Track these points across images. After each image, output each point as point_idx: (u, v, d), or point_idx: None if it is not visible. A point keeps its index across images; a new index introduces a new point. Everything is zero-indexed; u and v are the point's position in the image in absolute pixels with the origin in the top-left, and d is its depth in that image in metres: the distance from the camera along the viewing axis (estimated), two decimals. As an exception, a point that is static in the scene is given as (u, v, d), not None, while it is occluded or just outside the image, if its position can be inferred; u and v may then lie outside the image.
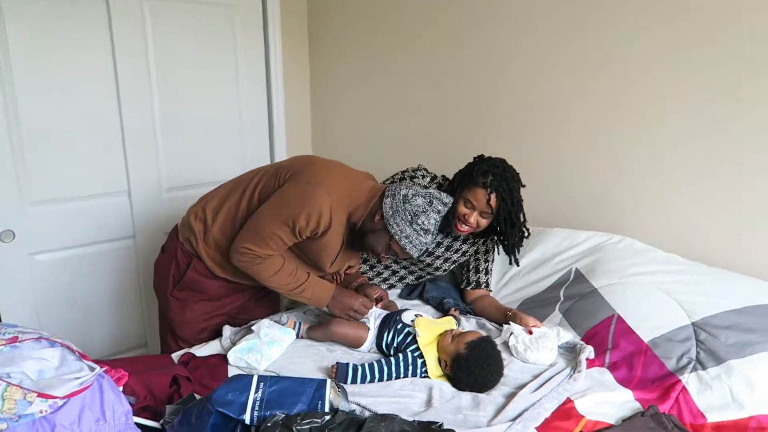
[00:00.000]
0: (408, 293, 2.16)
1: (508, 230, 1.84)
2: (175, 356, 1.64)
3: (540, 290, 2.02)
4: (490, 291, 2.08)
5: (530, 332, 1.74)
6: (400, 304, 2.04)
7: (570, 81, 2.13)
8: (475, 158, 1.89)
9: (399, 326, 1.67)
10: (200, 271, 1.72)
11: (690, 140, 1.90)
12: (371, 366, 1.54)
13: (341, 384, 1.24)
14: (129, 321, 2.60)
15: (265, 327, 1.70)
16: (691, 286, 1.71)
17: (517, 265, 2.00)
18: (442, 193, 1.65)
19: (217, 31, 2.58)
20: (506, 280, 2.13)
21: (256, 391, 1.15)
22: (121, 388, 1.17)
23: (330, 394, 1.18)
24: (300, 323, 1.77)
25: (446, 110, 2.53)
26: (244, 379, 1.20)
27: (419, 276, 2.13)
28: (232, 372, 1.57)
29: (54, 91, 2.17)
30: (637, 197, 2.05)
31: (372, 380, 1.53)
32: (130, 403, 1.14)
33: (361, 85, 2.83)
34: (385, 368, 1.54)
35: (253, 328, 1.69)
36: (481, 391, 1.49)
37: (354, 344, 1.70)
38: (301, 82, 3.01)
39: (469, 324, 1.92)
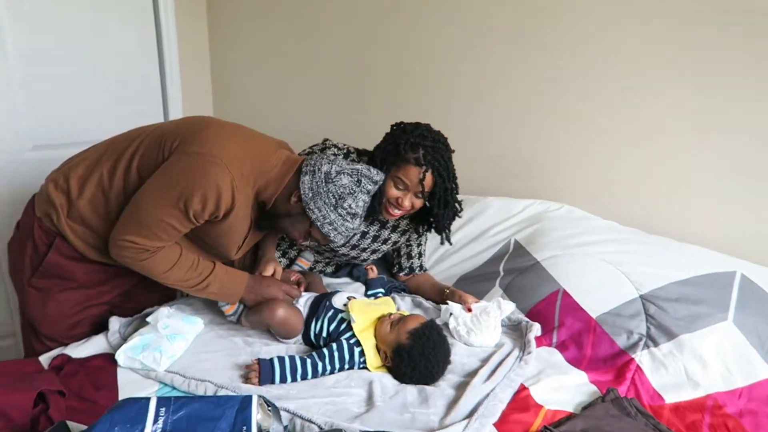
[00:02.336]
0: (334, 270, 1.92)
1: (441, 210, 1.61)
2: (45, 359, 1.28)
3: (477, 264, 1.87)
4: (426, 271, 1.90)
5: (469, 309, 1.58)
6: (326, 282, 1.80)
7: (505, 38, 1.96)
8: (393, 127, 1.62)
9: (330, 313, 1.43)
10: (65, 252, 1.35)
11: (624, 103, 1.82)
12: (302, 360, 1.30)
13: (270, 402, 0.97)
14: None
15: (164, 317, 1.38)
16: (636, 256, 1.64)
17: (450, 244, 1.81)
18: (371, 169, 1.36)
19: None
20: (440, 254, 1.95)
21: (155, 421, 0.84)
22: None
23: (257, 414, 0.91)
24: (242, 306, 1.46)
25: (365, 68, 2.28)
26: (135, 405, 0.86)
27: (340, 265, 1.90)
28: (122, 376, 1.25)
29: None
30: (571, 162, 1.95)
31: (304, 377, 1.29)
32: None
33: (271, 37, 2.48)
34: (319, 362, 1.30)
35: (148, 319, 1.37)
36: (427, 384, 1.31)
37: (291, 332, 1.43)
38: (196, 28, 2.59)
39: (404, 303, 1.73)
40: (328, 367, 1.32)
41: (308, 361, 1.30)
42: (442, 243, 1.76)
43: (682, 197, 1.79)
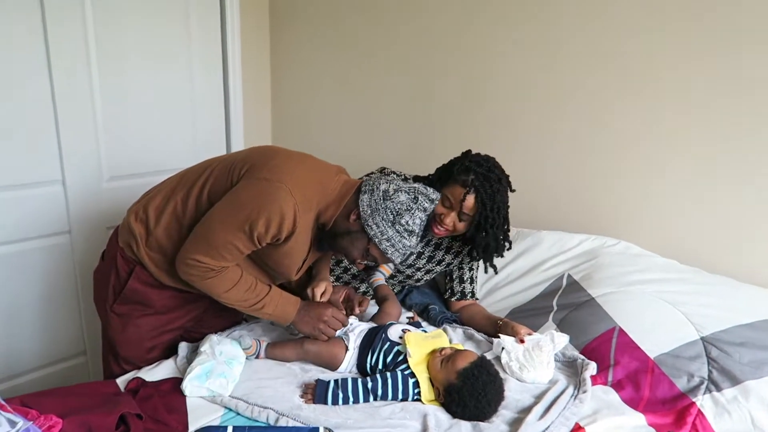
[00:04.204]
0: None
1: (480, 237, 1.63)
2: (122, 381, 1.38)
3: (529, 298, 1.87)
4: (477, 300, 1.91)
5: (522, 341, 1.58)
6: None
7: (569, 75, 1.96)
8: (462, 153, 1.69)
9: (387, 345, 1.46)
10: (144, 280, 1.45)
11: (688, 142, 1.79)
12: (353, 381, 1.36)
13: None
14: (64, 327, 2.28)
15: (215, 344, 1.46)
16: (697, 297, 1.60)
17: (495, 273, 1.82)
18: (428, 188, 1.41)
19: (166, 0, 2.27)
20: (491, 286, 1.97)
21: (233, 448, 0.91)
22: (53, 439, 0.91)
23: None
24: (260, 343, 1.53)
25: (425, 101, 2.32)
26: (214, 432, 0.93)
27: (394, 288, 1.94)
28: (190, 401, 1.32)
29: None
30: (631, 199, 1.93)
31: (356, 399, 1.34)
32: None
33: (329, 68, 2.58)
34: (371, 385, 1.35)
35: (201, 348, 1.44)
36: (479, 421, 1.32)
37: (329, 364, 1.49)
38: (260, 61, 2.73)
39: (455, 335, 1.75)
40: (380, 392, 1.35)
41: (361, 383, 1.35)
42: (486, 271, 1.78)
43: (747, 236, 1.74)
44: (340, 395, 1.34)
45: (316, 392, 1.34)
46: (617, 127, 1.90)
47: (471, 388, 1.31)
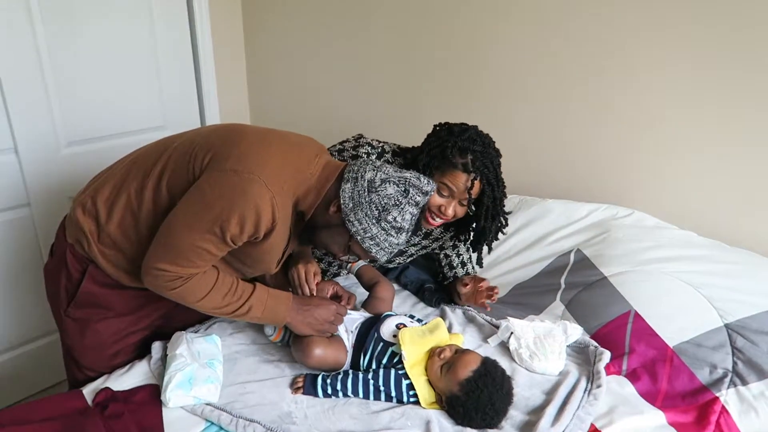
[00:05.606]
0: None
1: (488, 224, 1.47)
2: (89, 393, 1.22)
3: (533, 274, 1.74)
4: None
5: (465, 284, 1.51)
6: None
7: (584, 32, 1.75)
8: (436, 127, 1.47)
9: (380, 346, 1.32)
10: (99, 280, 1.26)
11: (707, 102, 1.61)
12: (347, 375, 1.26)
13: None
14: (32, 305, 2.11)
15: (192, 344, 1.31)
16: (720, 278, 1.47)
17: (480, 267, 1.66)
18: (421, 178, 1.20)
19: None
20: (492, 259, 1.83)
21: None
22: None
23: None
24: (288, 330, 1.37)
25: (413, 57, 2.09)
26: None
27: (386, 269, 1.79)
28: (167, 414, 1.18)
29: None
30: (644, 164, 1.76)
31: (345, 392, 1.24)
32: None
33: (310, 15, 2.30)
34: (369, 381, 1.25)
35: (177, 351, 1.28)
36: (488, 428, 1.21)
37: (333, 367, 1.34)
38: (231, 8, 2.44)
39: (455, 317, 1.62)
40: (371, 385, 1.25)
41: (351, 375, 1.26)
42: (478, 262, 1.63)
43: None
44: (329, 387, 1.24)
45: (305, 383, 1.25)
46: (631, 87, 1.71)
47: (476, 401, 1.18)
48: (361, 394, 1.26)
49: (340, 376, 1.26)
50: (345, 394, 1.26)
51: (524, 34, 1.84)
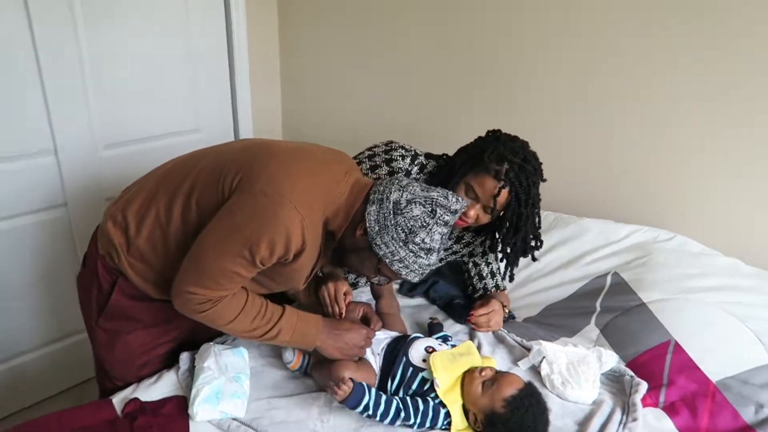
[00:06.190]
0: (409, 289, 1.79)
1: (510, 236, 1.43)
2: (118, 402, 1.23)
3: (566, 295, 1.69)
4: (504, 290, 1.73)
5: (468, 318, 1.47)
6: (400, 304, 1.66)
7: (623, 46, 1.69)
8: (488, 132, 1.44)
9: (410, 372, 1.28)
10: (128, 292, 1.27)
11: (758, 128, 1.53)
12: (387, 400, 1.20)
13: None
14: (67, 302, 2.14)
15: (220, 356, 1.31)
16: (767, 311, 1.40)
17: (510, 281, 1.61)
18: (449, 196, 1.17)
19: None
20: (524, 276, 1.78)
21: None
22: None
23: None
24: (307, 357, 1.35)
25: (450, 67, 2.05)
26: None
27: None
28: (194, 428, 1.18)
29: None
30: (689, 186, 1.70)
31: (384, 416, 1.19)
32: None
33: (342, 33, 2.29)
34: (403, 408, 1.20)
35: (205, 365, 1.27)
36: (521, 455, 1.17)
37: None
38: (267, 8, 2.44)
39: (484, 336, 1.58)
40: (412, 418, 1.20)
41: (394, 403, 1.20)
42: (503, 278, 1.58)
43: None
44: (371, 409, 1.18)
45: (351, 395, 1.17)
46: (680, 108, 1.64)
47: (520, 420, 1.16)
48: (393, 423, 1.21)
49: (383, 404, 1.19)
50: (380, 420, 1.21)
51: (575, 47, 1.78)
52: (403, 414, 1.20)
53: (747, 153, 1.58)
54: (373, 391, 1.21)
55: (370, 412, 1.18)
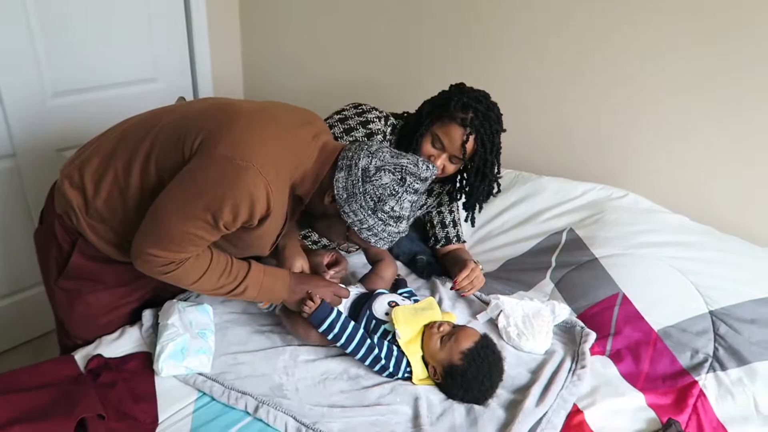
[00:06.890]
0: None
1: (477, 182, 1.48)
2: (81, 358, 1.23)
3: (524, 251, 1.75)
4: (464, 243, 1.78)
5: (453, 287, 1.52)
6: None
7: (574, 6, 1.70)
8: (451, 86, 1.47)
9: (373, 324, 1.33)
10: (89, 254, 1.23)
11: (709, 88, 1.58)
12: (357, 330, 1.27)
13: None
14: (20, 255, 2.09)
15: (184, 313, 1.31)
16: (709, 266, 1.49)
17: (472, 226, 1.65)
18: (419, 163, 1.14)
19: None
20: (484, 234, 1.83)
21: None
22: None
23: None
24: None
25: (417, 26, 2.01)
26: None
27: None
28: (159, 383, 1.20)
29: None
30: (640, 145, 1.75)
31: (350, 340, 1.26)
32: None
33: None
34: (383, 352, 1.27)
35: (169, 321, 1.27)
36: (477, 403, 1.24)
37: (325, 343, 1.34)
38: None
39: (445, 291, 1.63)
40: (383, 360, 1.26)
41: (368, 341, 1.26)
42: (466, 220, 1.64)
43: (764, 196, 1.61)
44: (336, 329, 1.25)
45: (317, 310, 1.25)
46: (631, 66, 1.68)
47: (476, 371, 1.22)
48: (357, 353, 1.27)
49: (350, 324, 1.26)
50: (341, 343, 1.26)
51: (531, 9, 1.77)
52: (375, 351, 1.25)
53: (696, 113, 1.63)
54: (343, 316, 1.26)
55: (336, 331, 1.24)
